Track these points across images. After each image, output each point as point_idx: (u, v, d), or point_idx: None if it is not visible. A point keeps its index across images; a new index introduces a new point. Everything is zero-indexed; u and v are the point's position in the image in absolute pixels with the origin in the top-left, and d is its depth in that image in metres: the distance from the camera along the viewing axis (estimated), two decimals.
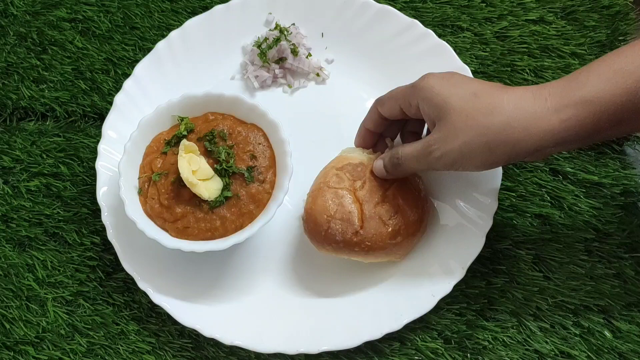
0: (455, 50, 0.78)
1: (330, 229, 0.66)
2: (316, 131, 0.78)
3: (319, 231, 0.67)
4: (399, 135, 0.74)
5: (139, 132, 0.71)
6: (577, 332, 0.71)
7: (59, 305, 0.73)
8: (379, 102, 0.69)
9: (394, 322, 0.68)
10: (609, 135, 0.58)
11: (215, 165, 0.69)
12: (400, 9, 0.82)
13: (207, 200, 0.68)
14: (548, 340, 0.70)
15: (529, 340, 0.70)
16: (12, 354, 0.71)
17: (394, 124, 0.71)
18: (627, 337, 0.70)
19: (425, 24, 0.82)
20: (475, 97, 0.60)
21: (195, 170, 0.67)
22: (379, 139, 0.73)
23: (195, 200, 0.68)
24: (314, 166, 0.73)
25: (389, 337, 0.69)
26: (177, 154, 0.68)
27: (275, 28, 0.82)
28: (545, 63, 0.83)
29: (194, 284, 0.72)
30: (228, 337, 0.68)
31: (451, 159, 0.60)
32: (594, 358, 0.69)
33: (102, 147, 0.75)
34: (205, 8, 0.86)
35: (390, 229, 0.67)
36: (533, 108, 0.57)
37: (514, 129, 0.57)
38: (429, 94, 0.62)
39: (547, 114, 0.56)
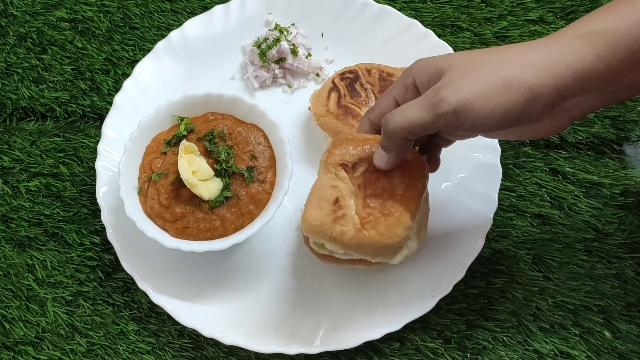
0: (455, 50, 0.78)
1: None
2: (316, 131, 0.78)
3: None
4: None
5: (139, 132, 0.71)
6: (577, 332, 0.71)
7: (58, 305, 0.73)
8: (368, 112, 0.63)
9: (394, 322, 0.68)
10: (632, 82, 0.51)
11: (215, 166, 0.69)
12: (400, 9, 0.83)
13: (207, 201, 0.68)
14: (548, 340, 0.70)
15: (528, 340, 0.70)
16: (12, 354, 0.71)
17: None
18: (627, 337, 0.70)
19: (425, 24, 0.82)
20: (479, 51, 0.55)
21: (195, 170, 0.67)
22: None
23: (195, 200, 0.68)
24: (314, 166, 0.73)
25: (389, 337, 0.69)
26: (177, 154, 0.68)
27: (275, 28, 0.82)
28: None
29: (194, 284, 0.72)
30: (228, 337, 0.68)
31: (462, 99, 0.51)
32: (594, 358, 0.69)
33: (102, 147, 0.75)
34: (205, 8, 0.86)
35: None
36: (546, 47, 0.52)
37: (529, 62, 0.51)
38: (425, 64, 0.56)
39: (561, 55, 0.51)
